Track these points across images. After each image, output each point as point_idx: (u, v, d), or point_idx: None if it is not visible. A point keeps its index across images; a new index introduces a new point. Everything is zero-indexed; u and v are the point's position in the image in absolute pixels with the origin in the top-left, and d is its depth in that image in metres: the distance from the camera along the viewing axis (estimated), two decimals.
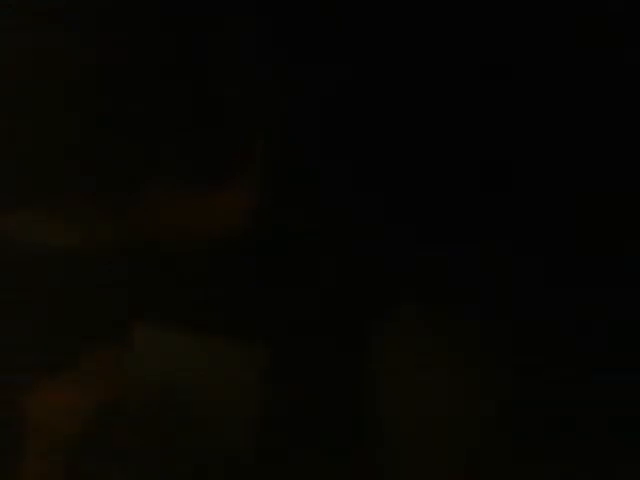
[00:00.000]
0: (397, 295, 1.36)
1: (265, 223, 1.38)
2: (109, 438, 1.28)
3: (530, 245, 1.33)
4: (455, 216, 1.34)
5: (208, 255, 1.37)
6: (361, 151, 1.37)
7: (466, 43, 1.32)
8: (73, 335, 1.35)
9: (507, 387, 1.31)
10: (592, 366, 1.29)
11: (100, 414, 1.26)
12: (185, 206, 1.39)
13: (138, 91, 1.38)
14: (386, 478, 1.32)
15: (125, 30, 1.36)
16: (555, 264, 1.32)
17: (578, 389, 1.29)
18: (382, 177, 1.36)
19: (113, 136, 1.39)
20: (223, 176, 1.38)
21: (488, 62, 1.32)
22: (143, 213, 1.39)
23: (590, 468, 1.26)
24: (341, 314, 1.36)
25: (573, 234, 1.32)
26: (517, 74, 1.33)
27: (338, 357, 1.36)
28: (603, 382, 1.28)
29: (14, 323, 1.35)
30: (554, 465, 1.27)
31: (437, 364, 1.33)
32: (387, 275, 1.36)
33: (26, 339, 1.35)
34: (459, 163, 1.35)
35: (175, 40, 1.37)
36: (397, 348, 1.35)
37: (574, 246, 1.32)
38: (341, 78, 1.35)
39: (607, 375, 1.28)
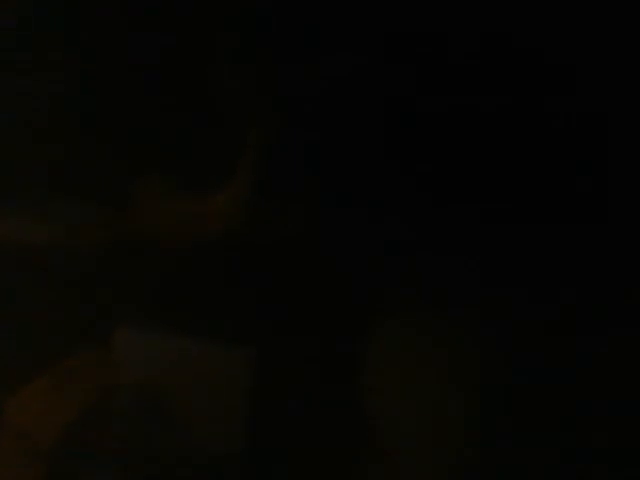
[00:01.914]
0: (389, 300, 1.36)
1: (258, 227, 1.38)
2: (92, 441, 1.27)
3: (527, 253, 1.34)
4: (450, 223, 1.35)
5: (198, 257, 1.37)
6: (356, 159, 1.37)
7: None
8: (57, 337, 1.35)
9: (503, 389, 1.30)
10: (591, 366, 1.29)
11: (83, 417, 1.25)
12: (178, 209, 1.39)
13: (137, 97, 1.38)
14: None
15: (125, 33, 1.37)
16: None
17: (578, 390, 1.28)
18: (376, 182, 1.37)
19: (110, 140, 1.39)
20: (218, 181, 1.38)
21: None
22: (136, 216, 1.39)
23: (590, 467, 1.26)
24: (333, 318, 1.36)
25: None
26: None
27: (329, 361, 1.35)
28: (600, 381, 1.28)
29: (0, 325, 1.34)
30: (551, 464, 1.27)
31: (431, 367, 1.32)
32: (380, 280, 1.36)
33: (10, 341, 1.34)
34: (457, 168, 1.35)
35: (174, 46, 1.38)
36: (390, 351, 1.34)
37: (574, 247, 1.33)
38: (335, 86, 1.36)
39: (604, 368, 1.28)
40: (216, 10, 1.36)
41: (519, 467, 1.26)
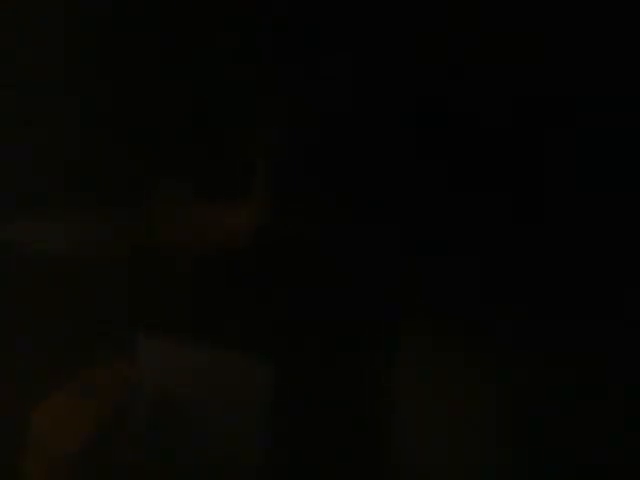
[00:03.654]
0: (401, 309, 1.35)
1: (268, 238, 1.37)
2: (110, 452, 1.28)
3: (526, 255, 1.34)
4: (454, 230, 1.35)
5: (212, 268, 1.37)
6: (361, 168, 1.37)
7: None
8: (78, 348, 1.35)
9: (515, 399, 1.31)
10: (599, 370, 1.29)
11: (101, 428, 1.26)
12: (191, 220, 1.39)
13: (148, 109, 1.38)
14: None
15: (133, 47, 1.37)
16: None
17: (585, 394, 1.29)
18: (380, 190, 1.36)
19: (120, 150, 1.39)
20: (229, 192, 1.38)
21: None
22: (156, 225, 1.39)
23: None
24: (346, 327, 1.36)
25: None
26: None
27: (343, 370, 1.35)
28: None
29: (15, 336, 1.35)
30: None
31: (445, 374, 1.33)
32: (391, 288, 1.36)
33: (27, 352, 1.35)
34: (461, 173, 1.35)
35: (180, 58, 1.37)
36: (405, 362, 1.34)
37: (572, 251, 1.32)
38: (340, 95, 1.36)
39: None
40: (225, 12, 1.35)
41: None
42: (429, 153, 1.35)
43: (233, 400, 1.33)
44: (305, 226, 1.36)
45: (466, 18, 1.33)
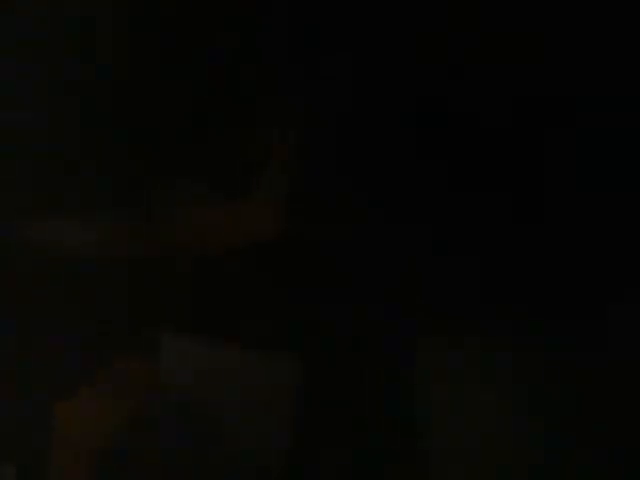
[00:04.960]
0: (420, 308, 1.35)
1: (285, 237, 1.37)
2: (138, 446, 1.28)
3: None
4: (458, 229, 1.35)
5: (232, 267, 1.37)
6: (376, 165, 1.37)
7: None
8: (99, 347, 1.35)
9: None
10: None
11: (128, 427, 1.26)
12: (208, 219, 1.39)
13: (163, 108, 1.38)
14: None
15: (145, 40, 1.37)
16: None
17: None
18: (393, 187, 1.37)
19: (139, 148, 1.39)
20: (245, 190, 1.38)
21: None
22: (165, 225, 1.39)
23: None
24: (368, 324, 1.35)
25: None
26: None
27: (369, 370, 1.35)
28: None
29: (40, 334, 1.35)
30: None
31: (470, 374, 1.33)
32: (410, 287, 1.36)
33: (51, 351, 1.35)
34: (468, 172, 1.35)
35: (181, 58, 1.37)
36: (430, 360, 1.34)
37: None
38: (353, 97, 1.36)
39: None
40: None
41: None
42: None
43: (254, 399, 1.33)
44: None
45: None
